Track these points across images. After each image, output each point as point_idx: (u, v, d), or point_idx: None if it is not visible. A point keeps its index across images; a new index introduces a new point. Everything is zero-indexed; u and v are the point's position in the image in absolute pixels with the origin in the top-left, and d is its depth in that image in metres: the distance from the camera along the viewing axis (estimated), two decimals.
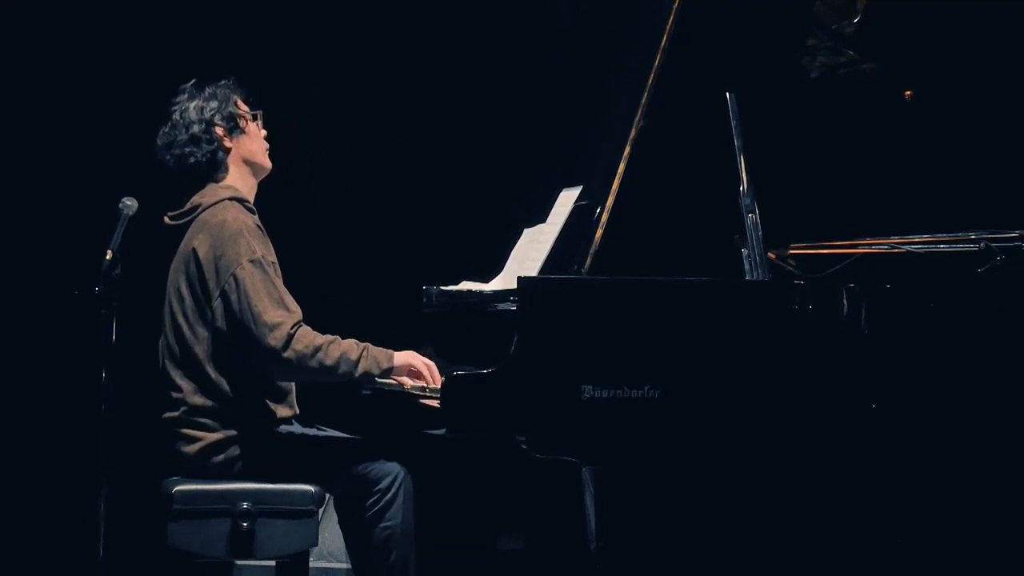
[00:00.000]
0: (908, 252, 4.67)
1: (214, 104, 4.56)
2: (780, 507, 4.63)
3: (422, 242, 5.99)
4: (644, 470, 4.34)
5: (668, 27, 4.43)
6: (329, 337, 4.34)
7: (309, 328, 4.34)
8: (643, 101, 4.40)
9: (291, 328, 4.30)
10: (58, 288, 5.42)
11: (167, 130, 4.55)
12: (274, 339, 4.28)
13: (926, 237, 4.68)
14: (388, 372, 4.38)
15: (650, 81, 4.40)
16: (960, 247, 4.61)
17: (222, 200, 4.48)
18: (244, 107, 4.62)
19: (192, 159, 4.52)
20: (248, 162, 4.59)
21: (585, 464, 4.40)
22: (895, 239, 4.71)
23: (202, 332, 4.39)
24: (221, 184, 4.54)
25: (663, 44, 4.43)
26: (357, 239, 6.02)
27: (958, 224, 4.65)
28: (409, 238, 6.04)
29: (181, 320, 4.42)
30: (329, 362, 4.31)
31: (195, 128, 4.52)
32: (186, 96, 4.59)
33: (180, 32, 5.93)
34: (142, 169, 5.58)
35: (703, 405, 4.16)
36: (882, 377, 4.32)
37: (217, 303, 4.36)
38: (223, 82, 4.64)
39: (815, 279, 4.58)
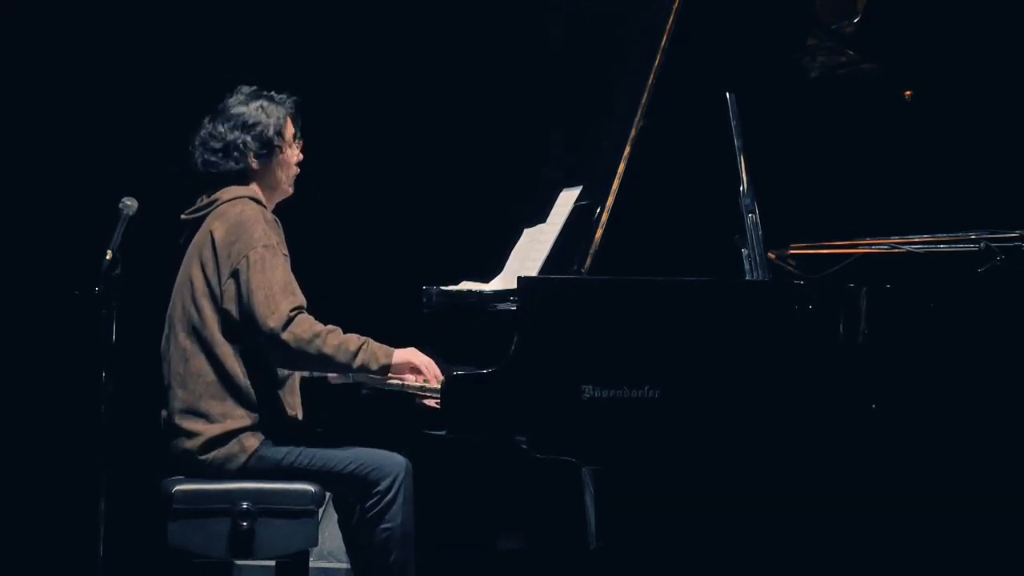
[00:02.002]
0: (908, 252, 4.67)
1: (261, 123, 4.53)
2: (780, 507, 4.63)
3: (422, 242, 5.99)
4: (644, 470, 4.34)
5: (668, 27, 4.43)
6: (330, 327, 4.36)
7: (311, 317, 4.35)
8: (643, 101, 4.40)
9: (292, 311, 4.31)
10: (58, 288, 5.42)
11: (209, 127, 4.55)
12: (274, 320, 4.30)
13: (926, 237, 4.68)
14: (386, 368, 4.38)
15: (650, 81, 4.40)
16: (960, 247, 4.61)
17: (242, 197, 4.51)
18: (290, 132, 4.60)
19: (214, 169, 4.54)
20: (269, 186, 4.60)
21: (585, 464, 4.40)
22: (895, 239, 4.71)
23: (211, 314, 4.40)
24: (242, 186, 4.56)
25: (663, 44, 4.43)
26: (357, 239, 6.03)
27: (958, 224, 4.65)
28: (409, 238, 6.05)
29: (191, 305, 4.42)
30: (327, 350, 4.31)
31: (230, 138, 4.52)
32: (240, 100, 4.58)
33: (180, 32, 5.93)
34: (142, 169, 5.61)
35: (703, 405, 4.16)
36: (882, 377, 4.32)
37: (228, 283, 4.38)
38: (283, 97, 4.62)
39: (815, 279, 4.58)
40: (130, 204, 4.42)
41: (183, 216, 4.58)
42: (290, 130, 4.61)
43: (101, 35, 5.88)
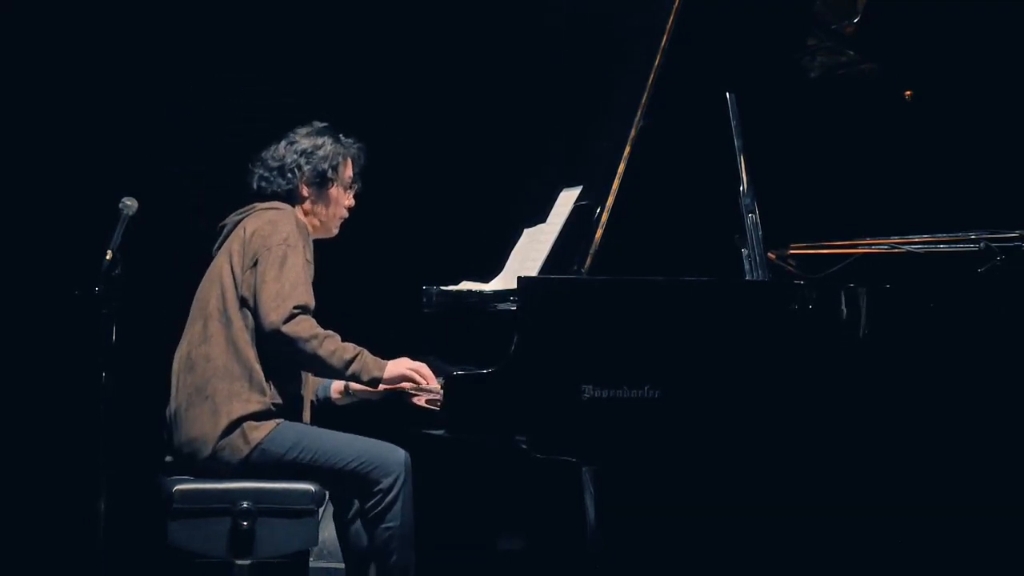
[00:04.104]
0: (908, 252, 4.67)
1: (320, 154, 4.65)
2: (780, 507, 4.63)
3: (422, 242, 5.99)
4: (644, 470, 4.34)
5: (668, 27, 4.43)
6: (329, 332, 4.40)
7: (314, 319, 4.40)
8: (643, 101, 4.40)
9: (295, 308, 4.37)
10: (58, 288, 5.41)
11: (271, 149, 4.67)
12: (276, 314, 4.36)
13: (926, 237, 4.68)
14: (377, 381, 4.43)
15: (650, 81, 4.41)
16: (960, 247, 4.61)
17: (281, 208, 4.59)
18: (347, 175, 4.71)
19: (266, 184, 4.64)
20: (315, 217, 4.68)
21: (585, 464, 4.40)
22: (895, 239, 4.71)
23: (232, 298, 4.46)
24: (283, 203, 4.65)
25: (663, 44, 4.43)
26: (357, 239, 6.02)
27: (958, 224, 4.65)
28: (409, 238, 6.04)
29: (215, 291, 4.48)
30: (322, 352, 4.36)
31: (287, 162, 4.64)
32: (307, 131, 4.70)
33: (181, 33, 5.93)
34: (142, 169, 5.60)
35: (703, 405, 4.16)
36: (882, 377, 4.32)
37: (248, 272, 4.45)
38: (349, 141, 4.73)
39: (815, 279, 4.58)
40: (130, 204, 4.42)
41: (222, 223, 4.63)
42: (347, 173, 4.70)
43: (101, 35, 5.88)
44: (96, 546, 4.33)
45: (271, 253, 4.42)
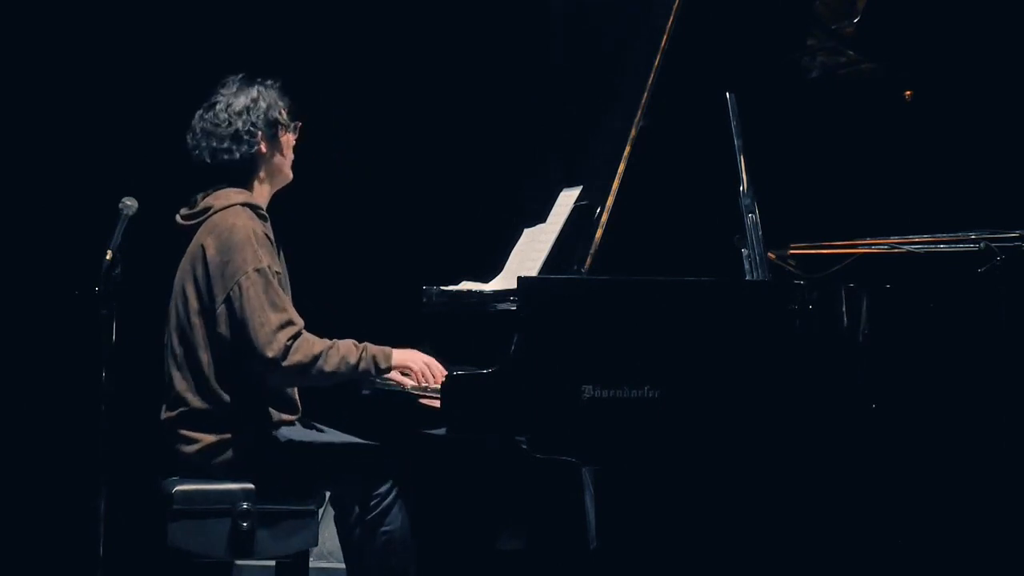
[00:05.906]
0: (908, 252, 4.68)
1: (263, 105, 4.52)
2: (780, 507, 4.63)
3: (422, 242, 5.99)
4: (644, 470, 4.34)
5: (668, 27, 4.43)
6: (327, 342, 4.33)
7: (308, 336, 4.32)
8: (643, 101, 4.40)
9: (288, 340, 4.28)
10: (58, 288, 5.42)
11: (209, 117, 4.51)
12: (272, 350, 4.27)
13: (926, 237, 4.68)
14: (387, 370, 4.38)
15: (650, 81, 4.41)
16: (960, 247, 4.62)
17: (234, 205, 4.45)
18: (285, 115, 4.58)
19: (227, 156, 4.49)
20: (273, 172, 4.57)
21: (585, 464, 4.40)
22: (895, 239, 4.71)
23: (204, 337, 4.39)
24: (235, 189, 4.51)
25: (663, 44, 4.43)
26: (357, 239, 6.03)
27: (958, 224, 4.66)
28: (409, 238, 6.04)
29: (184, 322, 4.42)
30: (329, 368, 4.30)
31: (239, 125, 4.49)
32: (235, 89, 4.56)
33: (180, 32, 5.93)
34: (142, 169, 5.60)
35: (703, 405, 4.16)
36: (882, 377, 4.33)
37: (221, 309, 4.35)
38: (272, 83, 4.60)
39: (815, 279, 4.58)
40: (130, 204, 4.41)
41: (179, 219, 4.54)
42: (285, 112, 4.58)
43: (101, 35, 5.88)
44: (96, 546, 4.33)
45: (242, 287, 4.31)
